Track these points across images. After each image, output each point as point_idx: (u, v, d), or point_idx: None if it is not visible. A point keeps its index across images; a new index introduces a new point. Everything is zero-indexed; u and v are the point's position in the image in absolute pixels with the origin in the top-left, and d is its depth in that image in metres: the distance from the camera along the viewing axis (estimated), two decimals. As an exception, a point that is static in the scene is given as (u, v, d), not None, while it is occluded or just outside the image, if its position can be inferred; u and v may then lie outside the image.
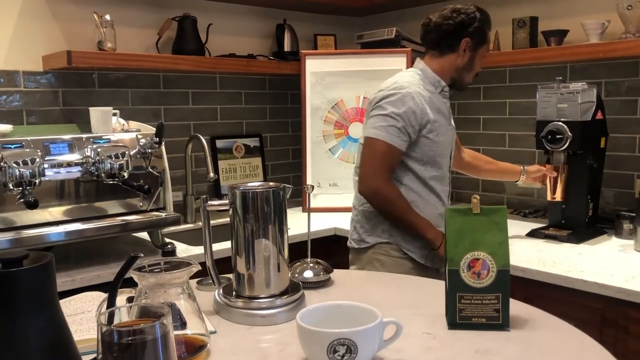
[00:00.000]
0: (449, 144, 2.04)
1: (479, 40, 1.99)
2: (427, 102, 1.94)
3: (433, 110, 1.94)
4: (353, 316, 0.91)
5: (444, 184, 2.04)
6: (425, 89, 1.97)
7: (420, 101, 1.91)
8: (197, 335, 0.93)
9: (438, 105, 1.98)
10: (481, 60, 2.04)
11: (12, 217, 1.88)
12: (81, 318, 1.02)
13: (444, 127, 1.99)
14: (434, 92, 1.99)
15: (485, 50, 2.03)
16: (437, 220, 1.97)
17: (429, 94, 1.97)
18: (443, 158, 2.00)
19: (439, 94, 2.00)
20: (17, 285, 0.74)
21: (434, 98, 1.97)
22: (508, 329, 1.06)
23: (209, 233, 1.14)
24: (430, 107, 1.94)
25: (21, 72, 2.29)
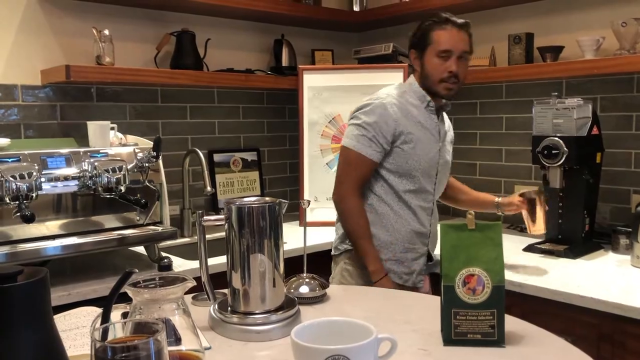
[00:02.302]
0: (431, 160, 2.01)
1: (421, 44, 1.99)
2: (403, 113, 1.95)
3: (411, 122, 1.96)
4: (348, 332, 0.91)
5: (423, 200, 2.02)
6: (408, 102, 1.99)
7: (394, 111, 1.94)
8: (192, 351, 0.93)
9: (420, 119, 1.99)
10: (435, 61, 1.96)
11: (9, 231, 1.88)
12: (76, 333, 1.01)
13: (425, 142, 1.98)
14: (419, 106, 2.01)
15: (434, 49, 1.96)
16: (410, 237, 1.98)
17: (411, 106, 1.99)
18: (420, 172, 1.98)
19: (424, 109, 2.01)
20: (11, 300, 0.74)
21: (417, 111, 1.99)
22: (503, 345, 1.06)
23: (204, 248, 1.14)
24: (407, 118, 1.96)
25: (19, 86, 2.30)
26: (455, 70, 1.95)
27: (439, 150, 2.03)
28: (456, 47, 1.94)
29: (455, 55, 1.94)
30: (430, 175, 2.02)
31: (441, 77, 1.96)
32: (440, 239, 1.09)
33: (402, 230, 1.97)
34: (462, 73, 1.99)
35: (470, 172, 2.86)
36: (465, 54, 1.98)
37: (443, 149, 2.06)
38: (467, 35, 1.99)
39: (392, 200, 1.98)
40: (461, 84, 2.01)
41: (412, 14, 2.85)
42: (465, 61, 2.00)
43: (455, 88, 1.99)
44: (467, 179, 2.86)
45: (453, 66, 1.94)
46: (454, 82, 1.97)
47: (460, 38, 1.96)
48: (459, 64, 1.96)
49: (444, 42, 1.95)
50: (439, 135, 2.04)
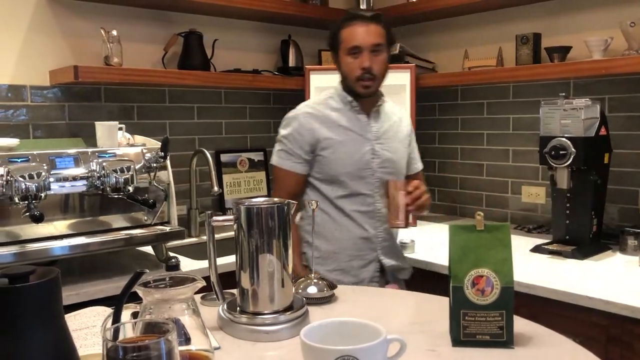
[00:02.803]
0: (359, 162, 1.95)
1: (334, 45, 1.98)
2: (320, 121, 1.95)
3: (331, 128, 1.94)
4: (357, 333, 0.91)
5: (360, 204, 1.96)
6: (330, 107, 1.98)
7: (307, 121, 1.95)
8: (201, 351, 0.93)
9: (343, 122, 1.96)
10: (347, 60, 1.93)
11: (17, 231, 1.89)
12: (86, 333, 1.02)
13: (350, 145, 1.95)
14: (342, 109, 1.99)
15: (344, 48, 1.93)
16: (354, 245, 1.95)
17: (332, 111, 1.97)
18: (348, 177, 1.94)
19: (349, 111, 1.98)
20: (23, 300, 0.75)
21: (339, 115, 1.97)
22: (512, 346, 1.06)
23: (213, 248, 1.14)
24: (325, 124, 1.95)
25: (28, 87, 2.31)
26: (368, 66, 1.90)
27: (372, 149, 1.97)
28: (365, 41, 1.90)
29: (366, 50, 1.90)
30: (363, 177, 1.96)
31: (356, 75, 1.91)
32: (449, 240, 1.09)
33: (343, 238, 1.95)
34: (377, 67, 1.92)
35: (477, 173, 2.86)
36: (378, 47, 1.92)
37: (381, 147, 1.99)
38: (380, 28, 1.93)
39: (328, 208, 1.96)
40: (380, 78, 1.96)
41: (419, 14, 2.85)
42: (381, 54, 1.93)
43: (372, 84, 1.94)
44: (474, 180, 2.86)
45: (365, 62, 1.89)
46: (370, 77, 1.92)
47: (370, 32, 1.91)
48: (372, 58, 1.90)
49: (351, 39, 1.91)
50: (370, 135, 1.98)
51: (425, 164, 3.00)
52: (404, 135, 2.10)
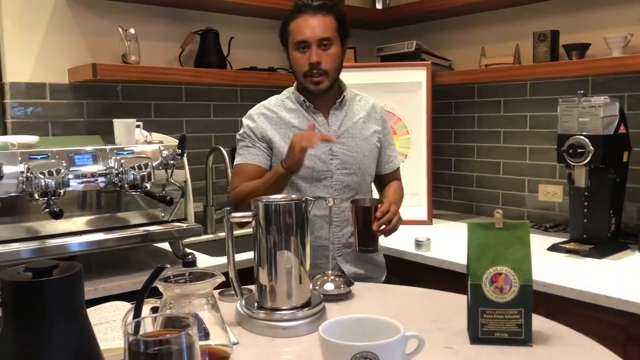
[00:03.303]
0: (315, 163, 1.81)
1: (283, 39, 1.85)
2: (272, 122, 1.84)
3: (283, 130, 1.83)
4: (375, 329, 0.91)
5: (317, 209, 1.77)
6: (286, 108, 1.87)
7: (261, 120, 1.85)
8: (220, 346, 0.94)
9: (297, 123, 1.84)
10: (295, 55, 1.80)
11: (37, 227, 1.91)
12: (106, 327, 1.03)
13: None
14: (297, 109, 1.87)
15: (292, 42, 1.79)
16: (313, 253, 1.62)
17: (287, 112, 1.86)
18: (300, 179, 1.80)
19: (304, 111, 1.86)
20: (47, 294, 0.75)
21: (292, 115, 1.86)
22: (530, 344, 1.05)
23: (232, 245, 1.15)
24: (278, 126, 1.84)
25: (47, 85, 2.34)
26: (315, 60, 1.75)
27: (329, 150, 1.83)
28: (312, 35, 1.75)
29: (314, 44, 1.75)
30: (318, 179, 1.82)
31: (304, 71, 1.78)
32: (468, 238, 1.08)
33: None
34: (326, 62, 1.77)
35: (493, 171, 2.84)
36: (327, 40, 1.77)
37: (340, 147, 1.84)
38: (330, 18, 1.78)
39: None
40: (332, 73, 1.80)
41: (435, 12, 2.84)
42: (330, 48, 1.78)
43: (323, 80, 1.79)
44: (490, 178, 2.85)
45: (312, 56, 1.75)
46: (320, 73, 1.77)
47: (317, 24, 1.76)
48: (320, 53, 1.76)
49: (298, 32, 1.77)
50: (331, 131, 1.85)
51: (441, 162, 3.02)
52: (371, 132, 1.92)
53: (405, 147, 2.73)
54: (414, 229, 2.53)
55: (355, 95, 1.96)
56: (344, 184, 1.84)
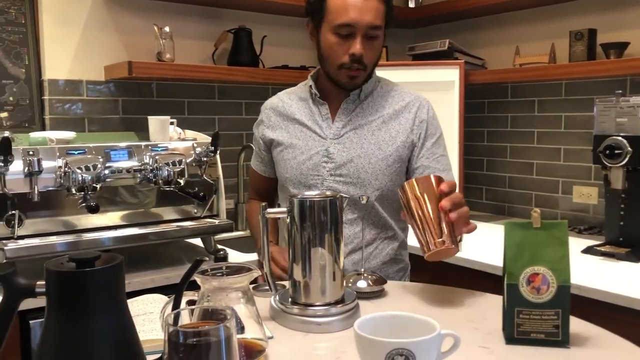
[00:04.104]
0: (304, 165, 1.56)
1: (316, 14, 1.51)
2: (277, 112, 1.65)
3: (286, 122, 1.62)
4: (410, 327, 0.91)
5: None
6: (297, 97, 1.65)
7: (266, 114, 1.69)
8: (256, 339, 0.95)
9: (299, 116, 1.61)
10: (331, 39, 1.48)
11: (73, 221, 1.95)
12: (143, 319, 1.05)
13: (299, 144, 1.57)
14: (307, 98, 1.63)
15: (329, 23, 1.47)
16: None
17: (297, 101, 1.64)
18: (291, 183, 1.58)
19: (312, 101, 1.61)
20: (89, 284, 0.77)
21: (299, 106, 1.62)
22: (568, 346, 1.04)
23: (267, 240, 1.16)
24: (282, 117, 1.63)
25: (84, 82, 2.39)
26: (359, 53, 1.46)
27: (325, 150, 1.54)
28: (360, 20, 1.44)
29: (360, 32, 1.45)
30: (306, 185, 1.55)
31: (341, 62, 1.49)
32: (505, 237, 1.07)
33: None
34: (370, 55, 1.49)
35: (526, 172, 2.80)
36: (377, 30, 1.48)
37: (339, 148, 1.55)
38: (381, 3, 1.48)
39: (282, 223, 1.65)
40: (370, 68, 1.54)
41: (468, 10, 2.81)
42: (377, 40, 1.50)
43: (361, 75, 1.52)
44: (523, 179, 2.81)
45: (357, 46, 1.45)
46: (358, 68, 1.49)
47: (367, 7, 1.44)
48: (365, 43, 1.47)
49: (342, 13, 1.44)
50: (328, 131, 1.57)
51: (473, 162, 2.99)
52: (392, 136, 1.56)
53: (437, 147, 2.71)
54: (444, 229, 2.51)
55: (390, 89, 1.63)
56: (352, 185, 1.53)
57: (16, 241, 1.80)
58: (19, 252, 1.77)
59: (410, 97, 1.62)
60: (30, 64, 2.30)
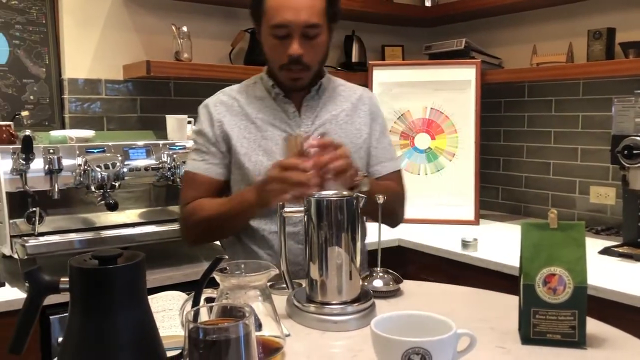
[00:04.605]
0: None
1: (255, 14, 1.49)
2: (232, 112, 1.54)
3: (245, 122, 1.53)
4: (426, 326, 0.92)
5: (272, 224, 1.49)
6: (253, 96, 1.57)
7: (219, 111, 1.54)
8: (273, 337, 0.96)
9: (260, 115, 1.53)
10: (270, 41, 1.46)
11: (92, 218, 1.98)
12: (162, 316, 1.07)
13: (268, 143, 1.51)
14: (266, 97, 1.56)
15: (267, 23, 1.44)
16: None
17: (254, 101, 1.55)
18: None
19: (272, 100, 1.55)
20: (112, 281, 0.79)
21: (259, 105, 1.54)
22: (584, 347, 1.04)
23: (284, 238, 1.17)
24: (238, 117, 1.53)
25: (103, 81, 2.42)
26: (296, 54, 1.42)
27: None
28: (295, 20, 1.39)
29: (296, 32, 1.41)
30: None
31: (281, 63, 1.45)
32: (521, 237, 1.07)
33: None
34: (310, 54, 1.44)
35: (543, 172, 2.79)
36: (315, 28, 1.42)
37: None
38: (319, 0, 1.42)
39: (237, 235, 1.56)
40: (315, 67, 1.49)
41: (485, 9, 2.80)
42: (317, 38, 1.44)
43: (304, 76, 1.48)
44: (540, 178, 2.80)
45: (294, 47, 1.41)
46: (300, 69, 1.45)
47: (302, 5, 1.39)
48: (303, 43, 1.42)
49: (276, 13, 1.40)
50: (298, 131, 1.53)
51: (489, 162, 2.98)
52: (356, 129, 1.58)
53: (453, 146, 2.71)
54: (460, 228, 2.51)
55: (338, 85, 1.65)
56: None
57: (37, 238, 1.84)
58: (40, 248, 1.80)
59: (360, 90, 1.66)
60: (50, 63, 2.33)
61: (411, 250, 2.38)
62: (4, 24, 2.23)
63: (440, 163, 2.73)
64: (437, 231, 2.51)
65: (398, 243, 2.43)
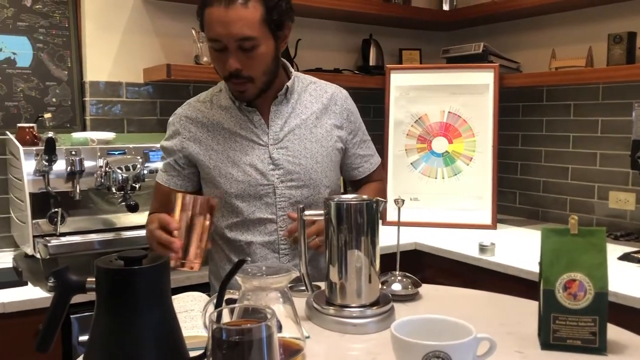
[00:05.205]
0: (251, 175, 1.48)
1: (200, 24, 1.45)
2: (198, 124, 1.53)
3: (212, 134, 1.52)
4: (445, 330, 0.92)
5: (260, 234, 1.50)
6: (218, 106, 1.55)
7: (184, 126, 1.54)
8: (294, 339, 0.97)
9: (228, 125, 1.51)
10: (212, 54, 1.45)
11: (113, 219, 2.01)
12: (184, 316, 1.08)
13: (237, 153, 1.49)
14: (230, 107, 1.53)
15: (206, 36, 1.43)
16: None
17: (219, 111, 1.53)
18: (238, 198, 1.49)
19: (236, 109, 1.52)
20: (137, 281, 0.80)
21: (224, 116, 1.52)
22: (605, 353, 1.03)
23: (304, 241, 1.18)
24: (204, 129, 1.52)
25: (124, 84, 2.45)
26: (233, 68, 1.39)
27: (269, 157, 1.49)
28: (225, 33, 1.36)
29: (231, 46, 1.38)
30: (257, 197, 1.49)
31: (224, 75, 1.45)
32: (541, 243, 1.07)
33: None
34: (250, 67, 1.40)
35: (561, 176, 2.77)
36: (248, 40, 1.37)
37: (282, 153, 1.50)
38: (253, 8, 1.36)
39: (219, 241, 1.55)
40: (260, 78, 1.44)
41: (504, 13, 2.80)
42: (254, 50, 1.39)
43: (249, 88, 1.44)
44: (558, 183, 2.78)
45: (230, 62, 1.39)
46: (242, 81, 1.42)
47: (232, 18, 1.35)
48: (240, 56, 1.39)
49: (209, 28, 1.39)
50: (266, 138, 1.51)
51: (506, 166, 2.97)
52: (327, 130, 1.56)
53: (471, 150, 2.70)
54: (477, 233, 2.50)
55: (308, 84, 1.61)
56: (292, 199, 1.49)
57: (58, 238, 1.87)
58: (61, 248, 1.83)
59: (332, 88, 1.63)
60: (72, 66, 2.37)
61: (428, 254, 2.38)
62: (28, 27, 2.27)
63: (457, 167, 2.72)
64: (454, 235, 2.51)
65: (414, 247, 2.43)
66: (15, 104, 2.26)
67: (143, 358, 0.79)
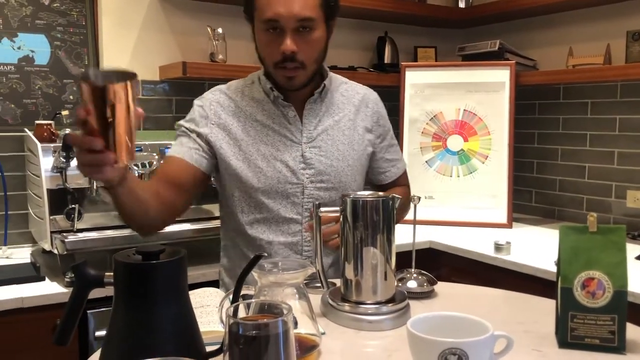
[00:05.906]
0: (278, 173, 1.44)
1: (248, 9, 1.42)
2: (229, 111, 1.47)
3: (242, 123, 1.45)
4: (462, 327, 0.91)
5: (281, 234, 1.46)
6: (250, 97, 1.49)
7: (214, 110, 1.47)
8: (309, 335, 0.97)
9: (258, 117, 1.46)
10: (262, 37, 1.40)
11: (129, 216, 2.01)
12: (200, 312, 1.09)
13: (269, 147, 1.45)
14: (263, 100, 1.49)
15: (259, 18, 1.38)
16: None
17: (252, 102, 1.48)
18: (264, 193, 1.44)
19: (271, 103, 1.48)
20: (155, 276, 0.81)
21: (257, 108, 1.47)
22: (624, 352, 1.02)
23: (319, 238, 1.18)
24: (235, 118, 1.46)
25: (140, 81, 2.46)
26: (289, 49, 1.34)
27: (301, 155, 1.46)
28: (287, 12, 1.32)
29: (289, 27, 1.34)
30: (284, 195, 1.45)
31: (274, 61, 1.38)
32: (560, 241, 1.06)
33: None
34: (305, 51, 1.37)
35: (578, 175, 2.75)
36: (308, 22, 1.35)
37: (315, 152, 1.47)
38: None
39: (237, 238, 1.51)
40: (311, 65, 1.41)
41: (520, 10, 2.77)
42: (312, 33, 1.37)
43: (299, 75, 1.40)
44: (575, 182, 2.76)
45: (286, 42, 1.34)
46: (295, 66, 1.37)
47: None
48: (297, 39, 1.35)
49: (267, 7, 1.33)
50: (300, 135, 1.47)
51: (523, 165, 2.95)
52: (360, 134, 1.54)
53: (486, 148, 2.69)
54: (493, 231, 2.49)
55: (340, 84, 1.59)
56: (319, 201, 1.40)
57: (75, 234, 1.89)
58: (78, 244, 1.85)
59: (363, 90, 1.62)
60: (89, 64, 2.39)
61: (442, 252, 2.37)
62: (46, 25, 2.29)
63: (473, 165, 2.71)
64: (469, 234, 2.50)
65: (429, 245, 2.42)
66: (33, 102, 2.28)
67: (161, 352, 0.79)
